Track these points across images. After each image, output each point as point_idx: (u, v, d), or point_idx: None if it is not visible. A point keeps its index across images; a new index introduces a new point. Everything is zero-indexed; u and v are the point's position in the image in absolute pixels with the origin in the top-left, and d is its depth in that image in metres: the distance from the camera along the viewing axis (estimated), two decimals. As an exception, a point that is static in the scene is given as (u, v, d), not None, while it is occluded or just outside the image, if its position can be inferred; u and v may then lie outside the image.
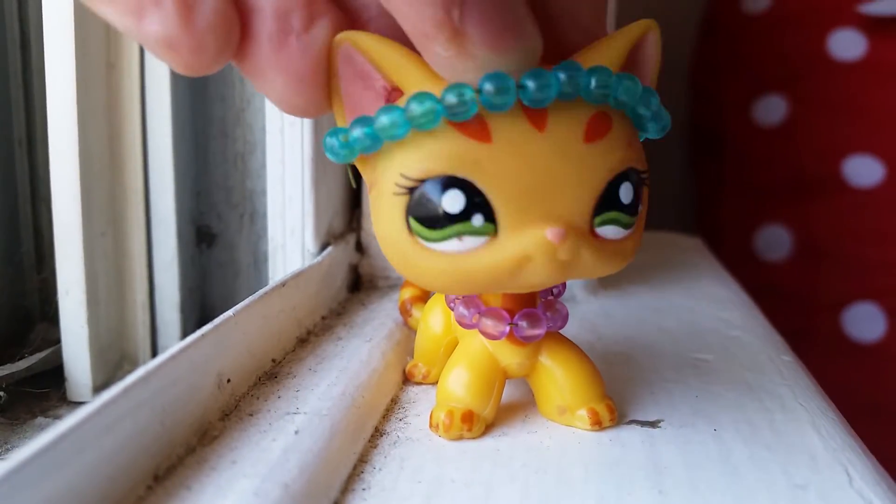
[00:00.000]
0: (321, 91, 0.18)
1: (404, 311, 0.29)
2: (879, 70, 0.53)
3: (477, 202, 0.17)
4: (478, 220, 0.17)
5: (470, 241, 0.18)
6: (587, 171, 0.18)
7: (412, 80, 0.18)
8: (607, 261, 0.19)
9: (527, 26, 0.16)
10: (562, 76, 0.17)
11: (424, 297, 0.29)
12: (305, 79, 0.17)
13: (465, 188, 0.17)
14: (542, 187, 0.17)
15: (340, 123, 0.19)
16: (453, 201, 0.17)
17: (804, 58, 0.55)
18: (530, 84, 0.17)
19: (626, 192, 0.18)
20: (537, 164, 0.17)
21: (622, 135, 0.18)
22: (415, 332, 0.28)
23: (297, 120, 0.29)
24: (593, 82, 0.17)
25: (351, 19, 0.18)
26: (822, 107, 0.54)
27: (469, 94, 0.17)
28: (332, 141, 0.19)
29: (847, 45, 0.54)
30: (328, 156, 0.19)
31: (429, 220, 0.18)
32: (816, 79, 0.54)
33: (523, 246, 0.17)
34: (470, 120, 0.17)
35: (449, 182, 0.17)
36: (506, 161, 0.17)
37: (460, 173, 0.17)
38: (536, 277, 0.18)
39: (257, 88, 0.18)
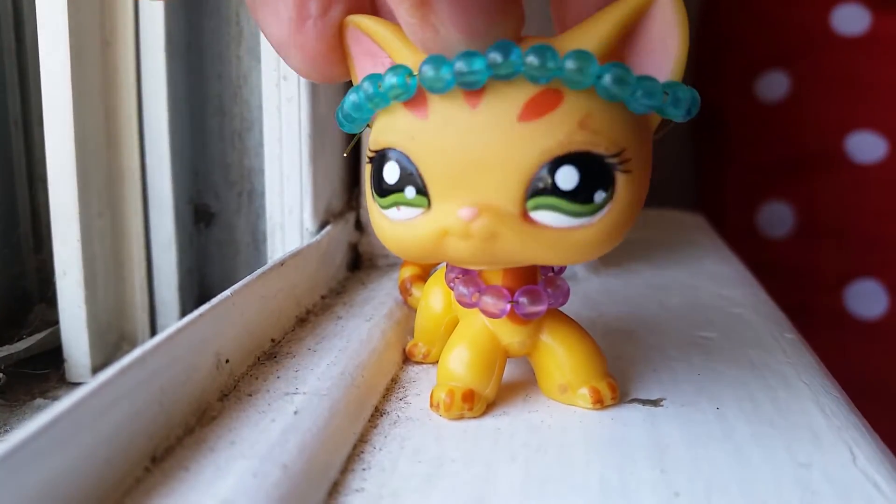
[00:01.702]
0: (337, 66, 0.20)
1: (404, 290, 0.28)
2: (883, 45, 0.52)
3: (409, 175, 0.18)
4: (410, 192, 0.19)
5: (406, 212, 0.19)
6: (516, 152, 0.17)
7: (399, 55, 0.18)
8: (548, 249, 0.18)
9: (499, 11, 0.16)
10: (495, 56, 0.17)
11: (424, 275, 0.28)
12: (320, 57, 0.19)
13: (403, 161, 0.18)
14: (470, 165, 0.18)
15: None
16: (390, 172, 0.19)
17: (807, 33, 0.54)
18: (459, 66, 0.17)
19: (565, 178, 0.17)
20: (465, 141, 0.17)
21: (573, 115, 0.17)
22: (415, 311, 0.28)
23: (295, 97, 0.29)
24: (529, 62, 0.17)
25: (374, 8, 0.20)
26: (825, 83, 0.54)
27: (402, 79, 0.18)
28: (338, 112, 0.20)
29: (851, 19, 0.53)
30: (340, 127, 0.20)
31: (377, 188, 0.19)
32: (819, 54, 0.54)
33: (440, 221, 0.18)
34: (414, 96, 0.18)
35: (390, 154, 0.19)
36: (436, 137, 0.18)
37: (398, 147, 0.18)
38: (457, 252, 0.19)
39: (284, 61, 0.20)
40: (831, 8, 0.54)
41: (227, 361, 0.21)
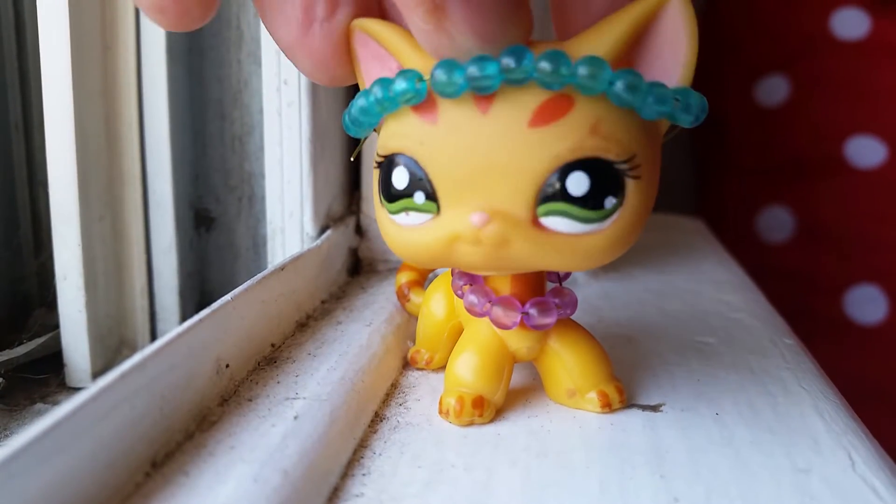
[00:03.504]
0: (343, 68, 0.20)
1: (402, 296, 0.28)
2: (882, 50, 0.52)
3: (419, 180, 0.18)
4: (419, 197, 0.18)
5: (415, 217, 0.19)
6: (528, 157, 0.17)
7: (408, 59, 0.18)
8: (558, 255, 0.18)
9: (508, 15, 0.16)
10: (508, 61, 0.17)
11: (421, 280, 0.28)
12: (326, 60, 0.19)
13: (412, 166, 0.18)
14: (480, 170, 0.17)
15: None
16: (399, 178, 0.19)
17: (807, 37, 0.55)
18: (472, 70, 0.17)
19: (576, 183, 0.17)
20: (475, 147, 0.17)
21: (584, 122, 0.17)
22: (413, 316, 0.28)
23: (295, 102, 0.29)
24: (542, 67, 0.17)
25: (382, 11, 0.20)
26: (824, 87, 0.54)
27: (412, 84, 0.18)
28: (345, 116, 0.20)
29: (850, 24, 0.53)
30: (346, 131, 0.20)
31: (386, 194, 0.19)
32: (819, 59, 0.54)
33: (451, 227, 0.18)
34: (423, 101, 0.18)
35: (399, 160, 0.19)
36: (447, 142, 0.18)
37: (407, 152, 0.18)
38: (467, 258, 0.19)
39: (292, 63, 0.20)
40: (831, 12, 0.54)
41: (227, 366, 0.21)
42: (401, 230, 0.19)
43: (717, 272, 0.37)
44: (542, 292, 0.22)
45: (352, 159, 0.34)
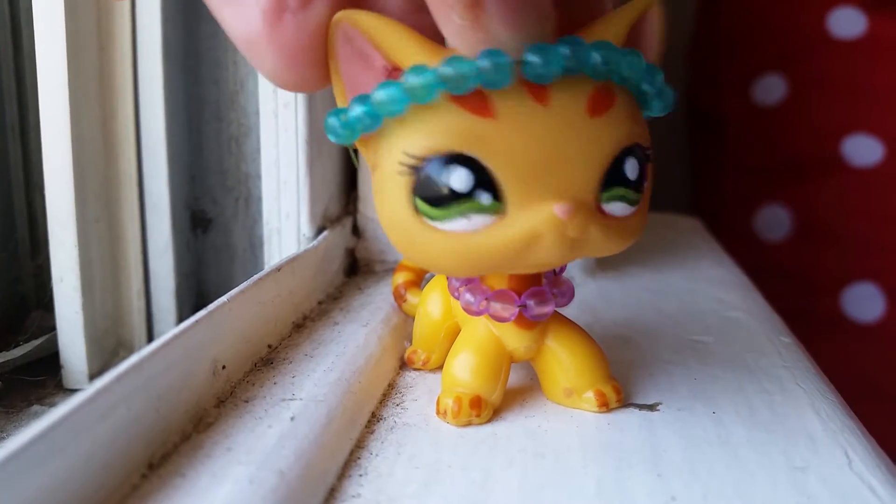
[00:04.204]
0: (315, 69, 0.18)
1: (398, 297, 0.28)
2: (879, 48, 0.52)
3: (483, 179, 0.17)
4: (485, 197, 0.17)
5: (477, 220, 0.17)
6: (593, 146, 0.17)
7: (411, 57, 0.17)
8: (615, 238, 0.18)
9: (544, 6, 0.16)
10: (565, 51, 0.17)
11: (418, 281, 0.28)
12: (299, 56, 0.17)
13: (471, 165, 0.17)
14: (548, 163, 0.17)
15: (341, 104, 0.19)
16: (460, 179, 0.17)
17: (803, 37, 0.55)
18: (535, 59, 0.16)
19: (631, 168, 0.18)
20: (542, 139, 0.17)
21: (626, 110, 0.18)
22: (410, 317, 0.28)
23: (292, 103, 0.29)
24: (597, 57, 0.17)
25: (361, 2, 0.18)
26: (821, 86, 0.54)
27: (466, 67, 0.16)
28: (332, 121, 0.18)
29: (847, 23, 0.53)
30: (330, 137, 0.19)
31: (435, 199, 0.17)
32: (816, 58, 0.54)
33: (532, 223, 0.17)
34: (471, 95, 0.17)
35: (454, 159, 0.17)
36: (510, 137, 0.17)
37: (465, 150, 0.17)
38: (546, 256, 0.18)
39: (250, 62, 0.18)
40: (827, 11, 0.54)
41: (223, 367, 0.21)
42: (452, 238, 0.18)
43: (714, 271, 0.37)
44: (538, 284, 0.22)
45: (356, 166, 0.33)
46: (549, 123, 0.17)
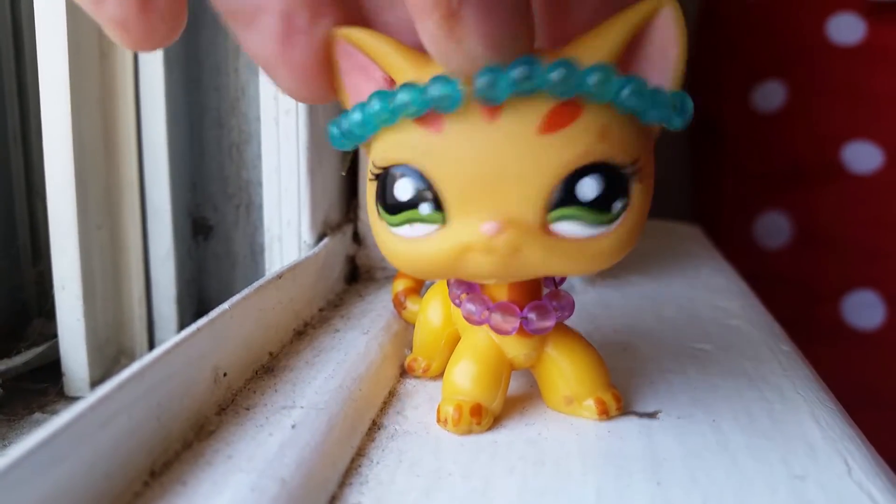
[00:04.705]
0: (326, 83, 0.19)
1: (398, 304, 0.28)
2: (879, 55, 0.53)
3: (424, 191, 0.18)
4: (425, 208, 0.18)
5: (420, 228, 0.18)
6: (538, 164, 0.17)
7: (399, 70, 0.18)
8: (568, 260, 0.18)
9: (520, 24, 0.16)
10: (516, 74, 0.16)
11: (418, 288, 0.28)
12: (309, 73, 0.19)
13: (416, 177, 0.18)
14: (489, 179, 0.17)
15: None
16: (403, 189, 0.18)
17: (803, 43, 0.55)
18: (482, 81, 0.16)
19: (588, 188, 0.17)
20: (486, 155, 0.17)
21: (592, 127, 0.17)
22: (410, 324, 0.28)
23: (293, 110, 0.29)
24: (552, 78, 0.17)
25: (364, 19, 0.19)
26: (821, 93, 0.54)
27: (417, 95, 0.17)
28: (333, 129, 0.20)
29: (846, 29, 0.53)
30: (332, 143, 0.20)
31: (387, 206, 0.19)
32: (815, 64, 0.54)
33: (461, 237, 0.18)
34: (424, 113, 0.18)
35: (402, 171, 0.18)
36: (453, 151, 0.17)
37: (411, 162, 0.18)
38: (478, 268, 0.18)
39: (271, 80, 0.19)
40: (827, 18, 0.54)
41: (224, 375, 0.21)
42: (403, 243, 0.19)
43: (713, 278, 0.37)
44: (539, 297, 0.22)
45: (342, 174, 0.34)
46: (494, 139, 0.17)
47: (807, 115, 0.54)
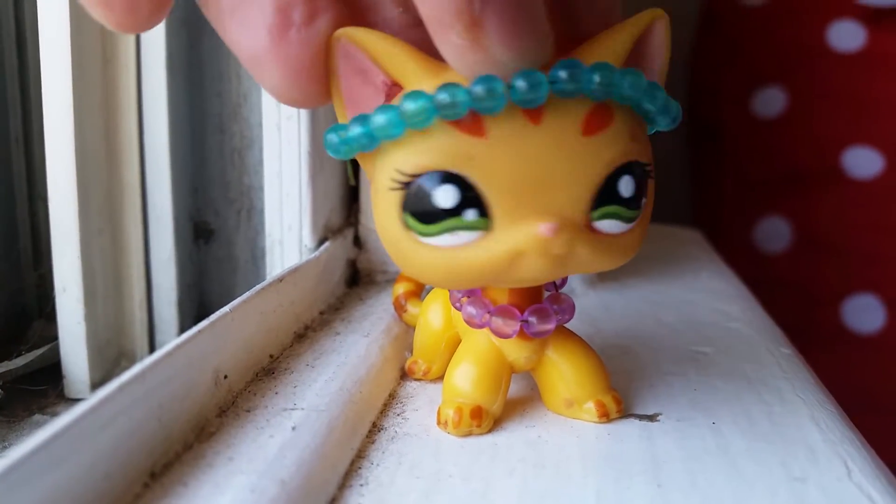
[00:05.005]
0: (318, 84, 0.18)
1: (398, 307, 0.28)
2: (879, 61, 0.53)
3: (469, 197, 0.17)
4: (470, 214, 0.18)
5: (463, 236, 0.18)
6: (584, 165, 0.18)
7: (411, 75, 0.18)
8: (606, 256, 0.19)
9: (543, 28, 0.16)
10: (563, 74, 0.17)
11: (418, 291, 0.29)
12: (303, 71, 0.18)
13: (458, 183, 0.17)
14: (537, 181, 0.17)
15: (340, 119, 0.19)
16: (446, 196, 0.17)
17: (803, 49, 0.55)
18: (520, 84, 0.16)
19: (626, 186, 0.18)
20: (532, 158, 0.17)
21: (624, 127, 0.18)
22: (410, 327, 0.28)
23: (294, 115, 0.29)
24: (595, 80, 0.17)
25: (361, 17, 0.18)
26: (821, 98, 0.54)
27: (461, 94, 0.17)
28: (332, 137, 0.19)
29: (846, 36, 0.53)
30: (329, 152, 0.19)
31: (423, 214, 0.18)
32: (815, 70, 0.54)
33: (515, 241, 0.17)
34: (464, 115, 0.17)
35: (442, 177, 0.17)
36: (499, 155, 0.17)
37: (453, 168, 0.17)
38: (530, 272, 0.18)
39: (255, 78, 0.18)
40: (827, 24, 0.54)
41: (225, 377, 0.21)
42: (439, 253, 0.18)
43: (714, 282, 0.37)
44: (539, 300, 0.22)
45: (351, 184, 0.34)
46: (540, 143, 0.17)
47: (807, 121, 0.54)
